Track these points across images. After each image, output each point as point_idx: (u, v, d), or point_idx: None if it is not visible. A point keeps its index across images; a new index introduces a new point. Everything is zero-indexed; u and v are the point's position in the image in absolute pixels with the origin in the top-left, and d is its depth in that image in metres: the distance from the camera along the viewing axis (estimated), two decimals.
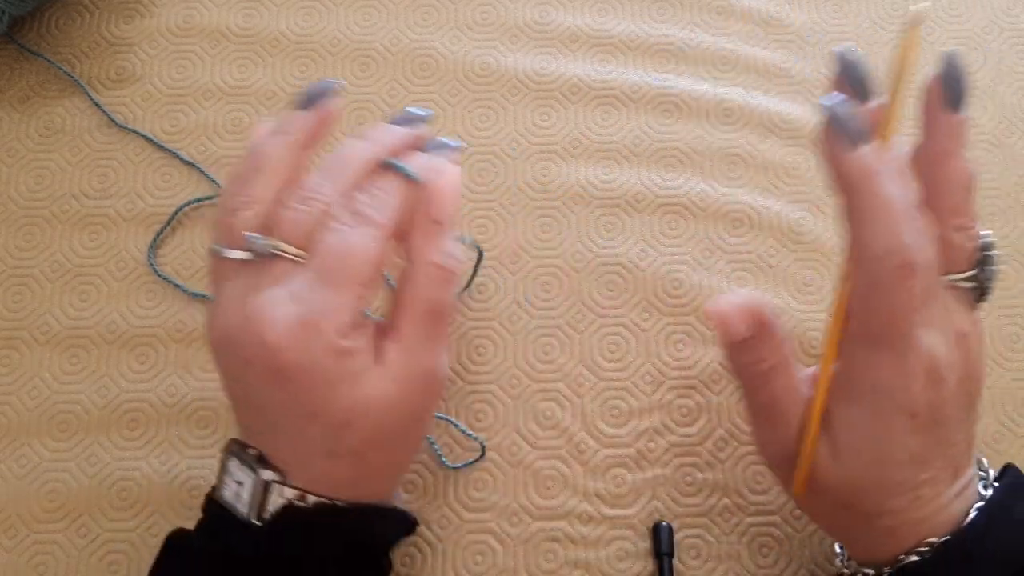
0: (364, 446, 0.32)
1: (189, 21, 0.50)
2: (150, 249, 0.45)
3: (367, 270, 0.30)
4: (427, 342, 0.32)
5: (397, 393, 0.31)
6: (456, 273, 0.32)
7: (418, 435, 0.35)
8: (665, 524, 0.40)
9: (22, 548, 0.40)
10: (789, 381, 0.33)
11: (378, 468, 0.33)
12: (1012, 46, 0.51)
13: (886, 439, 0.31)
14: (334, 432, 0.31)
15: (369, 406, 0.31)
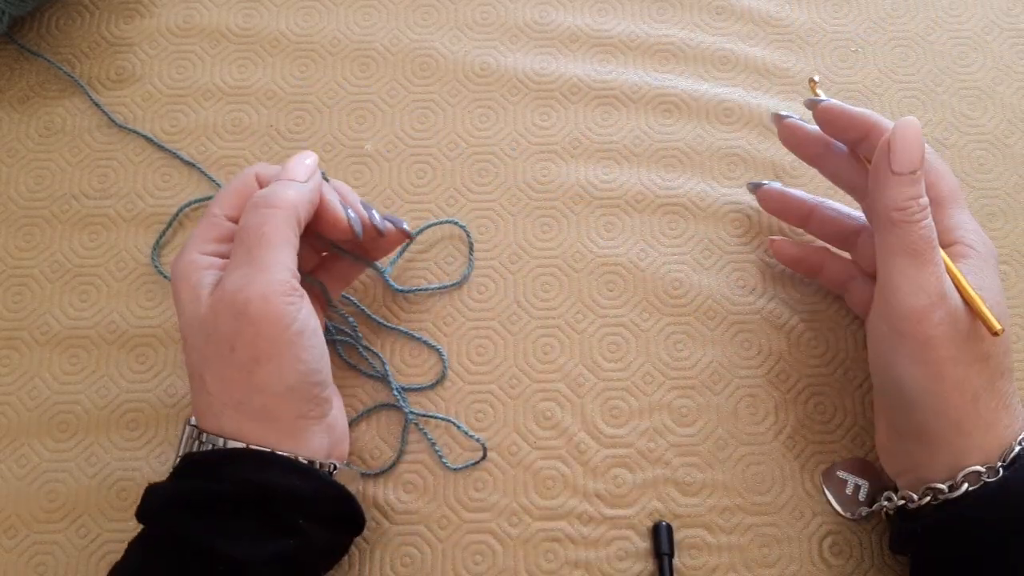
0: (199, 366, 0.35)
1: (189, 21, 0.50)
2: (154, 250, 0.45)
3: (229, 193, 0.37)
4: (236, 267, 0.35)
5: (209, 314, 0.35)
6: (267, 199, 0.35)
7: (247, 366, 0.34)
8: (665, 524, 0.40)
9: (22, 548, 0.40)
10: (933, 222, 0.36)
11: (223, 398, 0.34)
12: (1012, 46, 0.51)
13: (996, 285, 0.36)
14: (183, 346, 0.36)
15: (193, 323, 0.35)
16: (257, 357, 0.34)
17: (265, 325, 0.34)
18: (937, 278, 0.35)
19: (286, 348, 0.34)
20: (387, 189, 0.47)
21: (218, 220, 0.37)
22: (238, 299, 0.34)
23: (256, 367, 0.34)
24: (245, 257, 0.35)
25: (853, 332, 0.44)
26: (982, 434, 0.34)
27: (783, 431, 0.42)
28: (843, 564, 0.40)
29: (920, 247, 0.35)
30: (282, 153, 0.47)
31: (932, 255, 0.35)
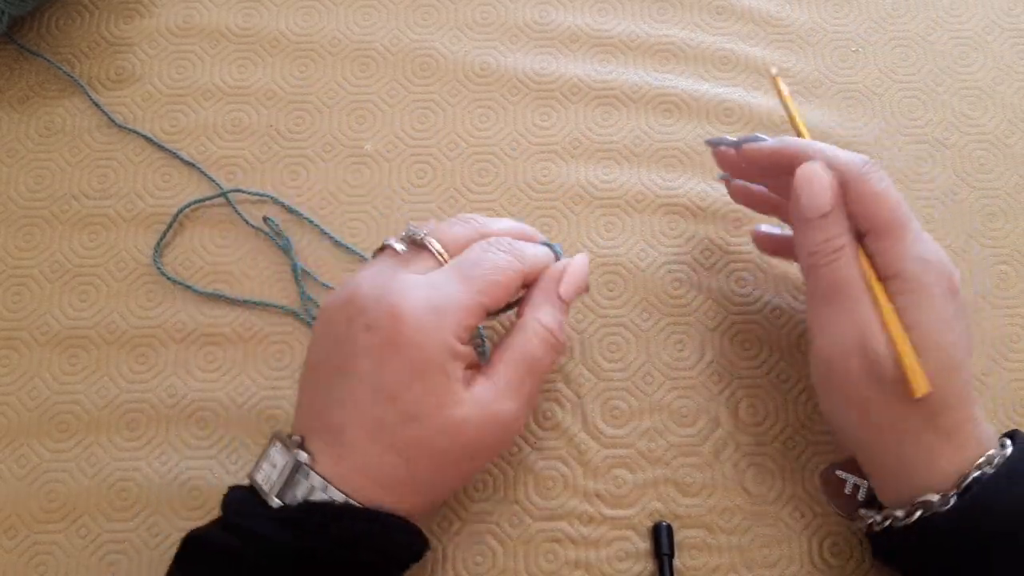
0: (419, 451, 0.33)
1: (189, 21, 0.50)
2: (155, 251, 0.45)
3: (499, 280, 0.35)
4: (513, 390, 0.34)
5: (471, 420, 0.33)
6: (561, 343, 0.36)
7: (467, 472, 0.36)
8: (665, 524, 0.40)
9: (22, 548, 0.40)
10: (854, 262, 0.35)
11: (419, 483, 0.34)
12: (1012, 46, 0.51)
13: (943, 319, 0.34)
14: (402, 421, 0.33)
15: (443, 416, 0.33)
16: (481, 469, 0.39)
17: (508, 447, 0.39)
18: (854, 322, 0.34)
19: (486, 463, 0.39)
20: (387, 189, 0.47)
21: (480, 310, 0.34)
22: (511, 429, 0.35)
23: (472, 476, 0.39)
24: (525, 388, 0.35)
25: None
26: (932, 466, 0.34)
27: (783, 431, 0.42)
28: (843, 564, 0.40)
29: (832, 291, 0.34)
30: (282, 153, 0.47)
31: (846, 299, 0.34)
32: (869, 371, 0.33)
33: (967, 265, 0.45)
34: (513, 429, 0.35)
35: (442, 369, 0.33)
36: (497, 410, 0.34)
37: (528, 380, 0.35)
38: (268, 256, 0.45)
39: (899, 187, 0.47)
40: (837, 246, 0.34)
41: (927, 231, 0.46)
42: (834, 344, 0.34)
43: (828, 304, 0.35)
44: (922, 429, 0.34)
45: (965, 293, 0.44)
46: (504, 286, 0.35)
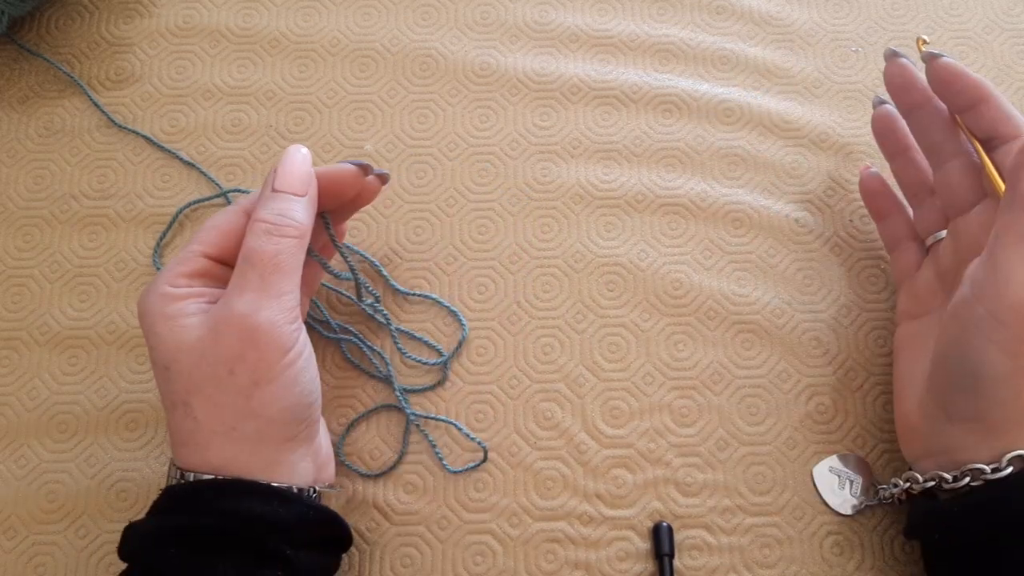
0: (186, 393, 0.34)
1: (189, 21, 0.50)
2: (155, 252, 0.45)
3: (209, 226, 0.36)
4: (245, 291, 0.34)
5: (208, 336, 0.34)
6: (279, 227, 0.35)
7: (241, 389, 0.34)
8: (665, 524, 0.40)
9: (21, 549, 0.40)
10: None
11: (211, 422, 0.34)
12: (1012, 46, 0.51)
13: None
14: (162, 376, 0.34)
15: (181, 348, 0.34)
16: (257, 380, 0.33)
17: (270, 350, 0.33)
18: None
19: (287, 370, 0.34)
20: (387, 189, 0.47)
21: (193, 256, 0.36)
22: (247, 323, 0.33)
23: (255, 390, 0.34)
24: (257, 283, 0.34)
25: (853, 332, 0.44)
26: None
27: (783, 431, 0.42)
28: (844, 564, 0.40)
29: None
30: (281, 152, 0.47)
31: None
32: None
33: None
34: (253, 328, 0.33)
35: (164, 312, 0.34)
36: (228, 316, 0.33)
37: (253, 273, 0.34)
38: None
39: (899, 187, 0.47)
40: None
41: None
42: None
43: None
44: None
45: None
46: (214, 228, 0.36)
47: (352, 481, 0.41)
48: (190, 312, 0.34)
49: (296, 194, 0.36)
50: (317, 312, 0.44)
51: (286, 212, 0.35)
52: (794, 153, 0.48)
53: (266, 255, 0.34)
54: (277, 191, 0.36)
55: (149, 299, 0.35)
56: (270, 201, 0.35)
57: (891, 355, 0.44)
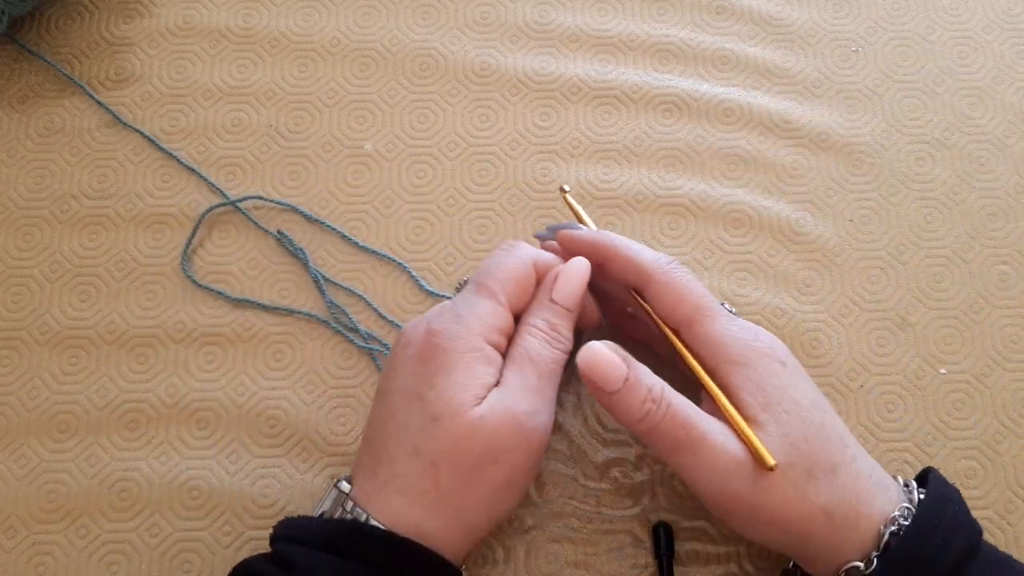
0: (440, 451, 0.33)
1: (189, 21, 0.50)
2: (183, 259, 0.45)
3: (511, 276, 0.36)
4: (523, 391, 0.34)
5: (488, 418, 0.33)
6: (559, 342, 0.36)
7: (495, 483, 0.34)
8: (665, 525, 0.40)
9: (22, 548, 0.40)
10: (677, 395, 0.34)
11: (444, 492, 0.33)
12: (1012, 46, 0.51)
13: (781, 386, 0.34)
14: (426, 421, 0.33)
15: (461, 413, 0.33)
16: (511, 481, 0.34)
17: (533, 456, 0.34)
18: (717, 453, 0.33)
19: (527, 483, 0.35)
20: (387, 189, 0.47)
21: (500, 305, 0.35)
22: (527, 426, 0.34)
23: (503, 489, 0.34)
24: (535, 385, 0.34)
25: (853, 332, 0.44)
26: (849, 537, 0.33)
27: None
28: None
29: (685, 435, 0.33)
30: (282, 153, 0.47)
31: (701, 432, 0.33)
32: (757, 480, 0.32)
33: (968, 266, 0.45)
34: (532, 429, 0.34)
35: (467, 366, 0.34)
36: (512, 408, 0.33)
37: (534, 377, 0.34)
38: (275, 258, 0.45)
39: (899, 187, 0.47)
40: (657, 395, 0.33)
41: (927, 231, 0.46)
42: (715, 479, 0.33)
43: (686, 451, 0.33)
44: (832, 501, 0.33)
45: (966, 293, 0.45)
46: (517, 280, 0.36)
47: None
48: (487, 381, 0.34)
49: (569, 310, 0.36)
50: (346, 319, 0.44)
51: (559, 328, 0.36)
52: (794, 153, 0.48)
53: (544, 361, 0.35)
54: (554, 303, 0.36)
55: (457, 343, 0.34)
56: (547, 310, 0.36)
57: (891, 355, 0.44)
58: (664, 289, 0.36)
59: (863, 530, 0.33)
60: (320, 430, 0.42)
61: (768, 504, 0.33)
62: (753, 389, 0.34)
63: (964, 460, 0.42)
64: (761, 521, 0.33)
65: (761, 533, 0.34)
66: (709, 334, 0.35)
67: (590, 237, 0.38)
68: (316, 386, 0.43)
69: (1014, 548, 0.40)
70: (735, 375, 0.34)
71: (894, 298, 0.45)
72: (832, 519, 0.33)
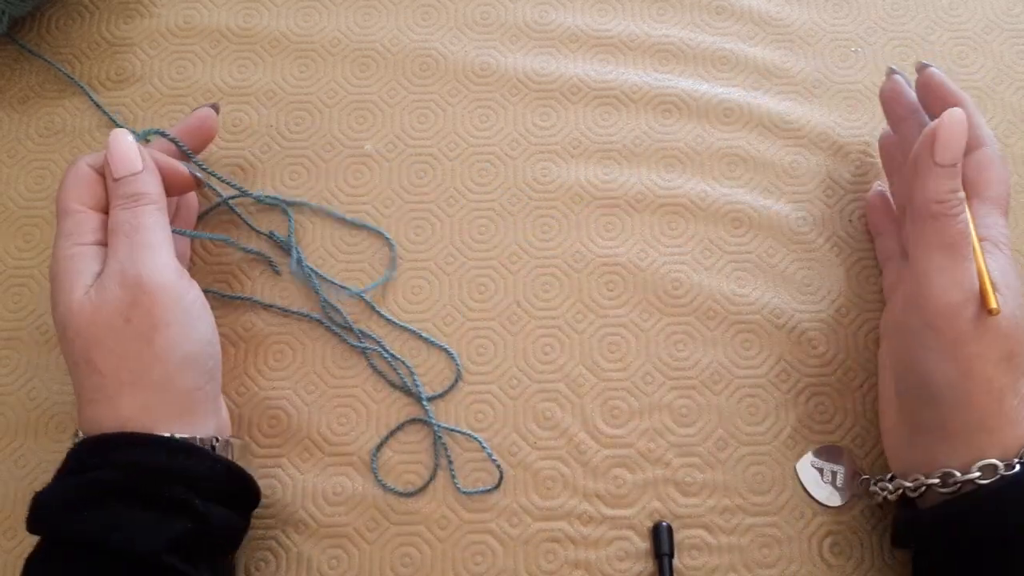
0: (86, 349, 0.35)
1: (189, 21, 0.50)
2: None
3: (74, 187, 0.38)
4: (118, 252, 0.36)
5: (96, 295, 0.35)
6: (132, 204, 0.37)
7: (146, 334, 0.35)
8: (665, 524, 0.40)
9: (21, 549, 0.40)
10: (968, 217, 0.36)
11: (119, 374, 0.35)
12: (1012, 46, 0.51)
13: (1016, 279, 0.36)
14: (63, 337, 0.36)
15: (77, 308, 0.35)
16: (155, 324, 0.35)
17: (160, 294, 0.36)
18: (971, 275, 0.35)
19: (183, 316, 0.36)
20: (387, 189, 0.47)
21: (83, 212, 0.38)
22: (129, 273, 0.35)
23: (154, 334, 0.35)
24: (126, 243, 0.36)
25: (853, 332, 0.44)
26: (1004, 431, 0.34)
27: (783, 431, 0.42)
28: (843, 564, 0.40)
29: (957, 241, 0.35)
30: (282, 153, 0.47)
31: (967, 250, 0.35)
32: (982, 321, 0.34)
33: None
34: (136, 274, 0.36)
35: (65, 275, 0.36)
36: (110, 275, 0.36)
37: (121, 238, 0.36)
38: (277, 259, 0.45)
39: None
40: (962, 198, 0.36)
41: None
42: (954, 292, 0.35)
43: (951, 253, 0.35)
44: (1009, 389, 0.34)
45: None
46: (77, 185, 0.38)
47: (351, 480, 0.41)
48: (90, 271, 0.36)
49: (133, 173, 0.38)
50: (340, 318, 0.44)
51: (131, 189, 0.38)
52: (794, 153, 0.48)
53: (128, 223, 0.37)
54: (117, 179, 0.38)
55: (59, 260, 0.37)
56: (116, 188, 0.38)
57: None
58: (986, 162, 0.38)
59: (1014, 435, 0.34)
60: (320, 429, 0.42)
61: (973, 347, 0.34)
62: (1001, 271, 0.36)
63: None
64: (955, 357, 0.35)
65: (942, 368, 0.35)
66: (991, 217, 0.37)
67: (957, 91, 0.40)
68: (316, 386, 0.43)
69: None
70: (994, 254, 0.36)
71: None
72: (1001, 404, 0.34)
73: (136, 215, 0.37)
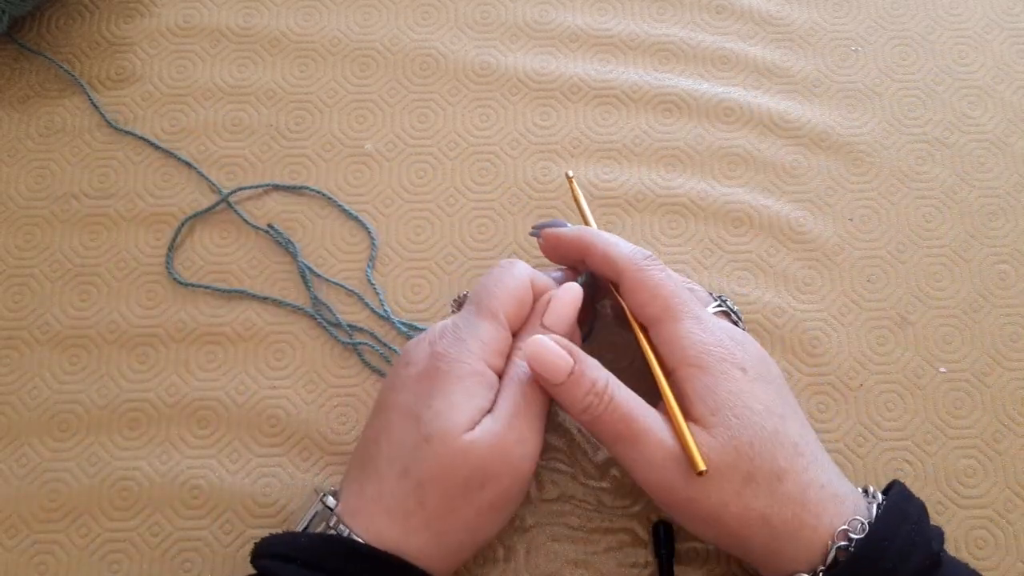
0: (429, 472, 0.33)
1: (189, 21, 0.50)
2: (167, 260, 0.45)
3: (508, 295, 0.36)
4: (513, 418, 0.34)
5: (478, 443, 0.33)
6: (548, 368, 0.34)
7: (479, 508, 0.34)
8: (665, 524, 0.40)
9: (23, 548, 0.40)
10: (621, 388, 0.35)
11: (429, 514, 0.33)
12: (1012, 46, 0.51)
13: (735, 391, 0.34)
14: (418, 441, 0.33)
15: (453, 437, 0.33)
16: (496, 506, 0.34)
17: (519, 485, 0.34)
18: (655, 448, 0.33)
19: (513, 508, 0.35)
20: (387, 189, 0.47)
21: (502, 327, 0.36)
22: (514, 453, 0.34)
23: (490, 513, 0.34)
24: (525, 416, 0.34)
25: (853, 332, 0.44)
26: (791, 547, 0.33)
27: None
28: None
29: (626, 427, 0.34)
30: (282, 153, 0.47)
31: (643, 425, 0.34)
32: (695, 478, 0.33)
33: (967, 264, 0.45)
34: (519, 456, 0.34)
35: (465, 390, 0.34)
36: (502, 436, 0.33)
37: (524, 407, 0.34)
38: (271, 256, 0.45)
39: (899, 186, 0.47)
40: (600, 389, 0.34)
41: (927, 230, 0.46)
42: (653, 472, 0.33)
43: (627, 443, 0.34)
44: (769, 507, 0.33)
45: (965, 292, 0.45)
46: (516, 300, 0.36)
47: None
48: (482, 404, 0.34)
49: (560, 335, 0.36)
50: (329, 315, 0.44)
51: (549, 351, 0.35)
52: (794, 153, 0.48)
53: (538, 398, 0.35)
54: (546, 327, 0.36)
55: (456, 362, 0.34)
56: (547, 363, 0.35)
57: (890, 354, 0.44)
58: (636, 285, 0.36)
59: (808, 541, 0.33)
60: (320, 429, 0.42)
61: (704, 503, 0.33)
62: (704, 393, 0.34)
63: (963, 459, 0.42)
64: (699, 518, 0.34)
65: (701, 530, 0.35)
66: (672, 335, 0.35)
67: (570, 233, 0.39)
68: (316, 385, 0.43)
69: (1013, 546, 0.40)
70: (690, 378, 0.34)
71: (894, 297, 0.45)
72: (771, 525, 0.33)
73: (544, 396, 0.35)
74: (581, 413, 0.34)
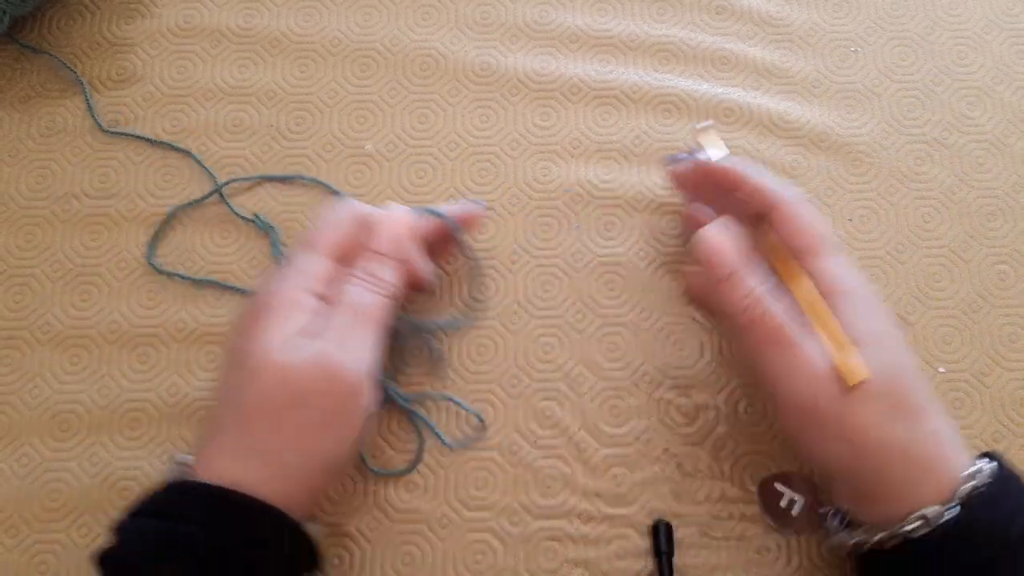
0: (254, 405, 0.34)
1: (189, 21, 0.50)
2: (149, 250, 0.45)
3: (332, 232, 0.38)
4: (337, 336, 0.35)
5: (291, 369, 0.34)
6: (381, 288, 0.37)
7: (302, 426, 0.34)
8: (664, 523, 0.40)
9: (23, 547, 0.40)
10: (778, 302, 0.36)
11: (261, 443, 0.34)
12: (1012, 46, 0.51)
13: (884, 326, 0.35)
14: (243, 376, 0.34)
15: (266, 363, 0.34)
16: (326, 423, 0.35)
17: (350, 402, 0.35)
18: (808, 358, 0.34)
19: (355, 423, 0.35)
20: (387, 189, 0.47)
21: (322, 260, 0.37)
22: (335, 359, 0.34)
23: (320, 431, 0.34)
24: (350, 331, 0.35)
25: None
26: (924, 480, 0.33)
27: (783, 430, 0.42)
28: (842, 563, 0.40)
29: (777, 335, 0.35)
30: (282, 153, 0.47)
31: (793, 336, 0.34)
32: (845, 395, 0.33)
33: (966, 265, 0.46)
34: (343, 371, 0.34)
35: (279, 317, 0.35)
36: (323, 353, 0.34)
37: (351, 322, 0.36)
38: (264, 251, 0.45)
39: (898, 186, 0.47)
40: (759, 295, 0.35)
41: (926, 230, 0.46)
42: (801, 383, 0.34)
43: (779, 349, 0.35)
44: (910, 441, 0.33)
45: (965, 292, 0.45)
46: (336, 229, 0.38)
47: (352, 479, 0.41)
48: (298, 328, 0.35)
49: (388, 257, 0.38)
50: None
51: (379, 273, 0.37)
52: (793, 153, 0.48)
53: (363, 306, 0.36)
54: (375, 252, 0.38)
55: (283, 294, 0.36)
56: (368, 259, 0.38)
57: None
58: (790, 217, 0.37)
59: (938, 479, 0.33)
60: None
61: (850, 419, 0.33)
62: (858, 319, 0.35)
63: None
64: (840, 438, 0.34)
65: (835, 452, 0.34)
66: (826, 265, 0.36)
67: (722, 165, 0.40)
68: None
69: None
70: (844, 304, 0.35)
71: (893, 297, 0.45)
72: (908, 458, 0.34)
73: (372, 302, 0.37)
74: (740, 314, 0.35)
